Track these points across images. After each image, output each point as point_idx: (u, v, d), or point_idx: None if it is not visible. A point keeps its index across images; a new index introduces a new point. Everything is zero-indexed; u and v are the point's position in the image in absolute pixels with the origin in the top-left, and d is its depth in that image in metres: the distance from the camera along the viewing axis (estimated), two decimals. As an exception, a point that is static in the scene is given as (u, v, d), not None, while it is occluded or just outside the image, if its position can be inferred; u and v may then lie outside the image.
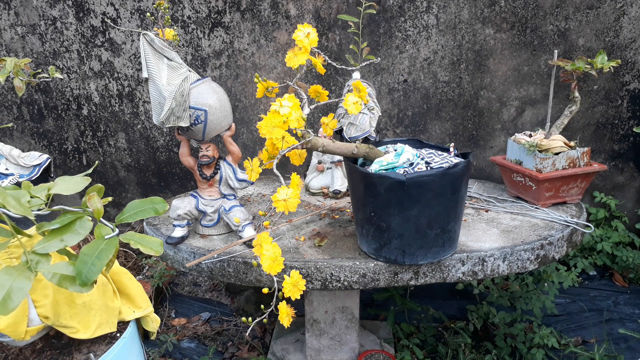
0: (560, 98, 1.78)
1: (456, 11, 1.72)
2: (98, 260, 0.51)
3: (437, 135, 1.90)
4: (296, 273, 0.91)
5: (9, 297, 0.47)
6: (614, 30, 1.70)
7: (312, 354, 1.48)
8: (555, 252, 1.12)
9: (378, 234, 0.99)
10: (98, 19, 1.85)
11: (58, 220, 0.53)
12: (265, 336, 1.76)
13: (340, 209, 1.37)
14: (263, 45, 1.83)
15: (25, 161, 1.49)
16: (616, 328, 1.60)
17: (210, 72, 1.89)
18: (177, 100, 1.05)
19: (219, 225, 1.21)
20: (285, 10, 1.78)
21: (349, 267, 1.03)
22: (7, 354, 1.17)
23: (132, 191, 2.12)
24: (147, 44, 1.05)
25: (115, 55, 1.90)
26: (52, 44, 1.90)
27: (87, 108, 1.99)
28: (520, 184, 1.33)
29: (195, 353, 1.67)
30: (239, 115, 1.93)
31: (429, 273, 1.04)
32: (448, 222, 0.96)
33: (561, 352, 1.52)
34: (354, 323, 1.43)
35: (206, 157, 1.15)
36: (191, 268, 1.12)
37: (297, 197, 0.90)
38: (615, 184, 1.91)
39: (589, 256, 1.88)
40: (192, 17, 1.82)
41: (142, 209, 0.59)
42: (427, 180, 0.90)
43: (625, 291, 1.78)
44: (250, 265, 1.07)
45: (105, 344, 1.20)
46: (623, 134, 1.83)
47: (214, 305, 1.92)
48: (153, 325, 1.39)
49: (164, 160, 2.04)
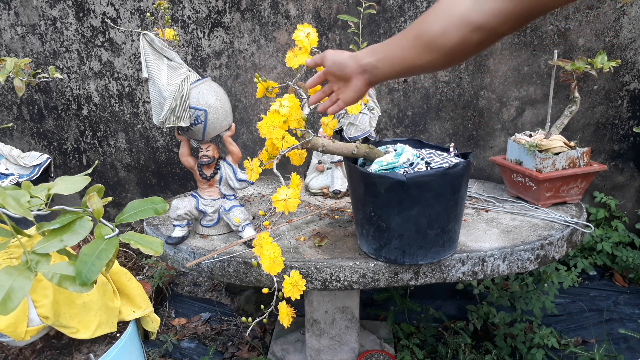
0: (560, 98, 1.79)
1: (456, 11, 1.72)
2: (98, 260, 0.51)
3: (437, 135, 1.90)
4: (296, 273, 0.91)
5: (9, 297, 0.47)
6: (614, 30, 1.70)
7: (312, 354, 1.48)
8: (555, 252, 1.12)
9: (378, 234, 0.99)
10: (98, 19, 1.85)
11: (58, 221, 0.53)
12: (265, 336, 1.76)
13: (340, 209, 1.37)
14: (263, 45, 1.83)
15: (25, 161, 1.49)
16: (616, 328, 1.60)
17: (210, 72, 1.89)
18: (177, 100, 1.05)
19: (219, 225, 1.21)
20: (285, 10, 1.78)
21: (349, 267, 1.03)
22: (7, 354, 1.17)
23: (132, 191, 2.12)
24: (147, 44, 1.05)
25: (115, 55, 1.90)
26: (52, 44, 1.90)
27: (87, 108, 1.99)
28: (520, 184, 1.33)
29: (195, 353, 1.67)
30: (239, 115, 1.93)
31: (429, 273, 1.04)
32: (448, 222, 0.96)
33: (561, 352, 1.52)
34: (354, 323, 1.43)
35: (206, 157, 1.15)
36: (191, 268, 1.12)
37: (297, 197, 0.90)
38: (615, 184, 1.91)
39: (589, 256, 1.88)
40: (192, 17, 1.82)
41: (142, 209, 0.59)
42: (427, 180, 0.90)
43: (625, 291, 1.78)
44: (250, 265, 1.07)
45: (105, 344, 1.20)
46: (623, 134, 1.83)
47: (214, 305, 1.92)
48: (153, 326, 1.39)
49: (164, 160, 2.04)
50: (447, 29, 0.61)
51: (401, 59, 0.70)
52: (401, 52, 0.69)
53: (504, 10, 0.56)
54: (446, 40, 0.62)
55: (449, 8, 0.61)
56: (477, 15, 0.58)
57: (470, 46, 0.61)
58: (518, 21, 0.57)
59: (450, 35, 0.61)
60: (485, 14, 0.57)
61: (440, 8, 0.62)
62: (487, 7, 0.57)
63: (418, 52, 0.66)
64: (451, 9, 0.60)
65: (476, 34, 0.59)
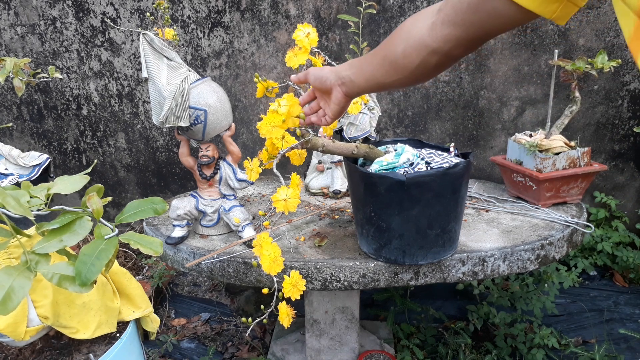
0: (560, 98, 1.78)
1: (456, 11, 1.72)
2: (98, 261, 0.51)
3: (437, 135, 1.90)
4: (296, 273, 0.91)
5: (8, 297, 0.47)
6: (614, 30, 1.70)
7: (312, 354, 1.48)
8: (555, 252, 1.12)
9: (378, 234, 0.98)
10: (98, 19, 1.85)
11: (58, 221, 0.53)
12: (265, 336, 1.76)
13: (340, 209, 1.37)
14: (263, 45, 1.83)
15: (24, 161, 1.49)
16: (616, 328, 1.60)
17: (210, 72, 1.89)
18: (177, 100, 1.04)
19: (219, 226, 1.21)
20: (285, 10, 1.78)
21: (349, 267, 1.03)
22: (7, 354, 1.17)
23: (132, 191, 2.12)
24: (146, 44, 1.05)
25: (115, 55, 1.90)
26: (52, 44, 1.90)
27: (86, 108, 1.98)
28: (521, 184, 1.33)
29: (195, 353, 1.67)
30: (239, 115, 1.93)
31: (429, 273, 1.04)
32: (448, 222, 0.96)
33: (561, 352, 1.52)
34: (354, 323, 1.43)
35: (206, 157, 1.15)
36: (191, 268, 1.12)
37: (297, 197, 0.89)
38: (616, 184, 1.91)
39: (589, 256, 1.88)
40: (192, 17, 1.82)
41: (142, 209, 0.59)
42: (428, 180, 0.89)
43: (625, 291, 1.78)
44: (250, 266, 1.07)
45: (105, 344, 1.20)
46: (623, 134, 1.83)
47: (214, 306, 1.92)
48: (153, 326, 1.39)
49: (164, 160, 2.04)
50: (408, 52, 0.67)
51: (372, 75, 0.75)
52: (372, 70, 0.75)
53: (455, 36, 0.61)
54: (408, 62, 0.68)
55: (409, 32, 0.67)
56: (432, 40, 0.64)
57: (431, 67, 0.67)
58: (469, 46, 0.63)
59: (412, 58, 0.67)
60: (439, 39, 0.63)
61: (402, 32, 0.68)
62: (440, 34, 0.62)
63: (386, 70, 0.72)
64: (411, 33, 0.66)
65: (434, 56, 0.65)
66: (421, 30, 0.65)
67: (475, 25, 0.59)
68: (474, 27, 0.59)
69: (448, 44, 0.63)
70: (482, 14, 0.57)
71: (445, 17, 0.61)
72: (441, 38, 0.62)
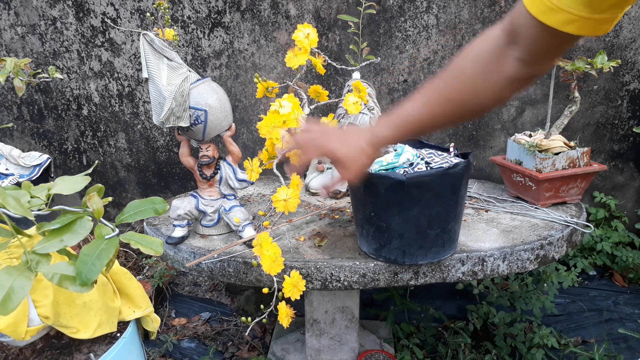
0: (560, 98, 1.79)
1: (456, 11, 1.72)
2: (98, 260, 0.51)
3: (437, 135, 1.90)
4: (296, 273, 0.91)
5: (9, 297, 0.47)
6: (614, 30, 1.70)
7: (312, 353, 1.48)
8: (555, 252, 1.12)
9: (378, 234, 0.99)
10: (98, 19, 1.85)
11: (58, 221, 0.53)
12: (265, 336, 1.76)
13: (340, 209, 1.37)
14: (263, 46, 1.83)
15: (25, 161, 1.49)
16: (616, 328, 1.60)
17: (210, 72, 1.89)
18: (177, 100, 1.05)
19: (219, 225, 1.21)
20: (285, 10, 1.78)
21: (349, 267, 1.03)
22: (7, 354, 1.17)
23: (132, 191, 2.12)
24: (147, 44, 1.05)
25: (115, 55, 1.90)
26: (52, 44, 1.90)
27: (87, 108, 1.99)
28: (520, 184, 1.33)
29: (195, 353, 1.67)
30: (239, 115, 1.93)
31: (429, 273, 1.04)
32: (448, 222, 0.96)
33: (561, 352, 1.52)
34: (354, 323, 1.43)
35: (206, 157, 1.15)
36: (191, 268, 1.12)
37: (297, 197, 0.90)
38: (615, 184, 1.91)
39: (588, 256, 1.88)
40: (192, 17, 1.82)
41: (142, 209, 0.59)
42: (427, 180, 0.90)
43: (625, 291, 1.78)
44: (250, 265, 1.07)
45: (105, 344, 1.20)
46: (623, 134, 1.83)
47: (214, 305, 1.92)
48: (153, 325, 1.40)
49: (164, 160, 2.04)
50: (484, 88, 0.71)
51: (428, 126, 0.79)
52: (431, 121, 0.77)
53: (531, 74, 0.67)
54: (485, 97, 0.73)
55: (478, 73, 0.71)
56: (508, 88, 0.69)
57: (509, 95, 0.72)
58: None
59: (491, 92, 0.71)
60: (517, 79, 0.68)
61: (465, 75, 0.72)
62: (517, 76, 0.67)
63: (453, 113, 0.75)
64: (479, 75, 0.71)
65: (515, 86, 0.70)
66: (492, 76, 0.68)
67: (548, 61, 0.65)
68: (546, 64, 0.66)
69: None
70: (554, 53, 0.64)
71: (522, 57, 0.64)
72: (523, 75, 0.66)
